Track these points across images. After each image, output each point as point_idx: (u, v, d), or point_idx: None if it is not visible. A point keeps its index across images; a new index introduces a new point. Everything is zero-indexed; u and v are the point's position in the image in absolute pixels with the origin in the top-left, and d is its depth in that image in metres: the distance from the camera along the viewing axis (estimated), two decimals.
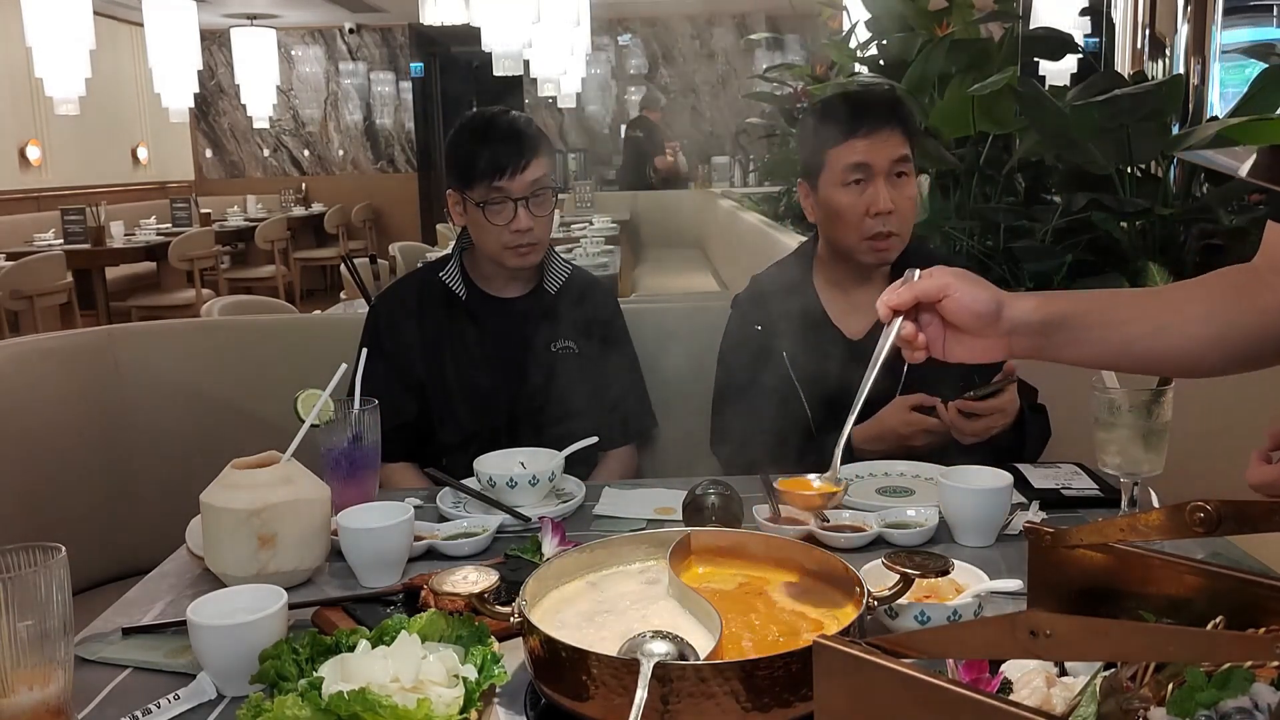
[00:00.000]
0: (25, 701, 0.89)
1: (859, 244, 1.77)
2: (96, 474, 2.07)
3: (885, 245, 1.76)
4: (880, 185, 1.73)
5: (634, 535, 1.16)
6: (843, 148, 1.74)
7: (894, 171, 1.75)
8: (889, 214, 1.73)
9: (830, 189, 1.77)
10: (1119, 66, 3.49)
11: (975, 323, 1.03)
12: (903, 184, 1.76)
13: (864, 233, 1.75)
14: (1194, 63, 3.37)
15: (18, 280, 5.55)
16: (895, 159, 1.74)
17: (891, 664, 0.66)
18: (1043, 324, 1.04)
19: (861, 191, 1.74)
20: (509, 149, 1.80)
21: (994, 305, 1.03)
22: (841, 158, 1.75)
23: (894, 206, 1.73)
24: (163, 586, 1.31)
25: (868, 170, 1.74)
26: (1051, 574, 0.87)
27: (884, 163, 1.73)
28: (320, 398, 1.43)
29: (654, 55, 11.19)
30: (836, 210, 1.76)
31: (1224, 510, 0.69)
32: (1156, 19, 3.43)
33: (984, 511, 1.35)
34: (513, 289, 1.94)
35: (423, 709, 0.89)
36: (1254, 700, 0.63)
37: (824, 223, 1.82)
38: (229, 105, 10.96)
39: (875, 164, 1.73)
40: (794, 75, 6.04)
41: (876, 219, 1.74)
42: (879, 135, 1.74)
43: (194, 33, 6.28)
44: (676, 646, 0.90)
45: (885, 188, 1.73)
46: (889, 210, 1.73)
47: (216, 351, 2.26)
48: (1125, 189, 3.01)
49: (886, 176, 1.74)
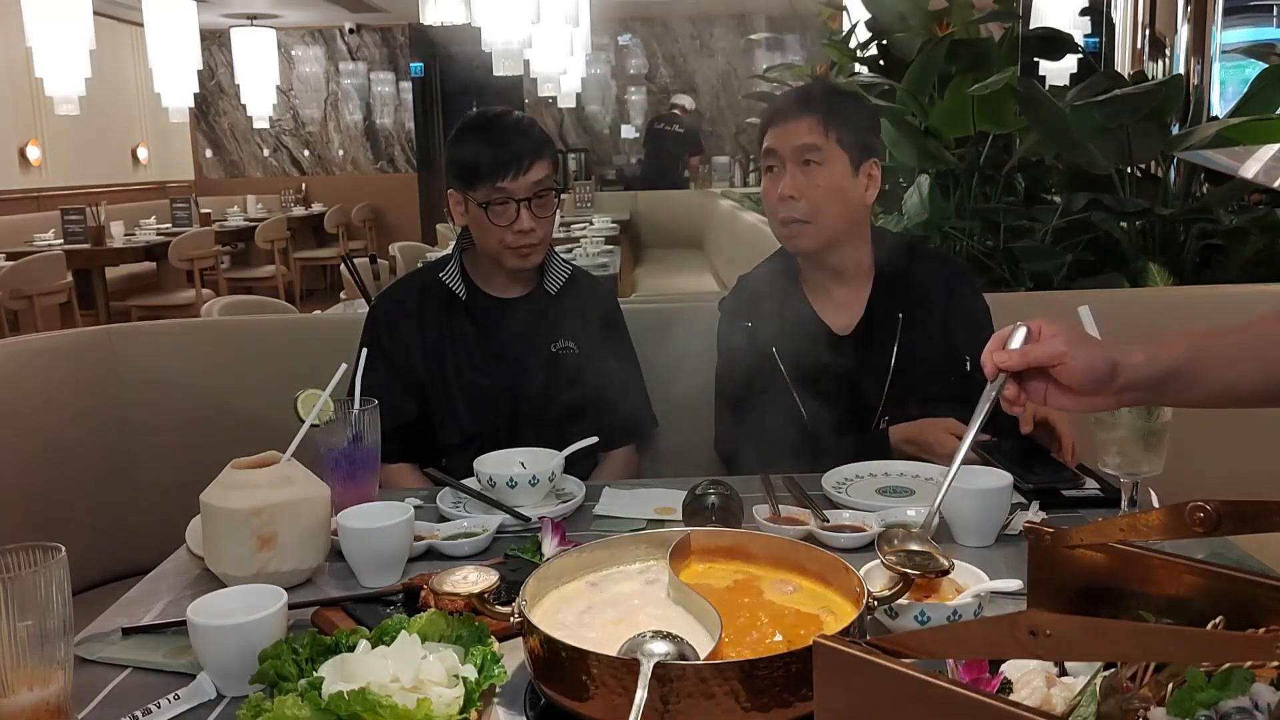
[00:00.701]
0: (25, 701, 0.89)
1: (778, 230, 1.81)
2: (96, 474, 2.07)
3: (791, 233, 1.79)
4: (788, 171, 1.77)
5: (634, 535, 1.16)
6: (766, 135, 1.81)
7: (800, 159, 1.76)
8: (792, 200, 1.76)
9: (764, 175, 1.84)
10: (1119, 66, 3.50)
11: (1090, 386, 0.99)
12: (811, 171, 1.76)
13: (777, 216, 1.80)
14: (1194, 63, 3.37)
15: (18, 280, 5.55)
16: (799, 145, 1.76)
17: (891, 664, 0.66)
18: (1156, 380, 1.00)
19: (774, 179, 1.79)
20: (512, 150, 1.80)
21: (1109, 368, 0.99)
22: (764, 145, 1.82)
23: (797, 193, 1.75)
24: (163, 586, 1.31)
25: (775, 156, 1.79)
26: (1051, 574, 0.87)
27: (788, 149, 1.77)
28: (320, 398, 1.43)
29: (654, 55, 11.19)
30: (763, 196, 1.83)
31: (1224, 510, 0.69)
32: (1156, 19, 3.43)
33: (984, 511, 1.35)
34: (513, 289, 1.93)
35: (423, 709, 0.89)
36: (1254, 700, 0.63)
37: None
38: (229, 105, 10.96)
39: (780, 150, 1.77)
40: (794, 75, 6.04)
41: (783, 204, 1.77)
42: (788, 124, 1.78)
43: (194, 33, 6.27)
44: (676, 646, 0.90)
45: (791, 174, 1.76)
46: (790, 196, 1.76)
47: (216, 351, 2.26)
48: (1125, 189, 3.02)
49: (795, 164, 1.76)
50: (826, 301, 1.87)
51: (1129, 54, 3.52)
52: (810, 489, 1.50)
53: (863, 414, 1.83)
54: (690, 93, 11.05)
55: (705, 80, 11.11)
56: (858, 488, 1.55)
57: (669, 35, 11.14)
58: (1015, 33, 3.47)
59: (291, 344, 2.27)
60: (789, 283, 1.89)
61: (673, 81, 11.15)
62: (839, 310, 1.86)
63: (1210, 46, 3.38)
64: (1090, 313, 1.27)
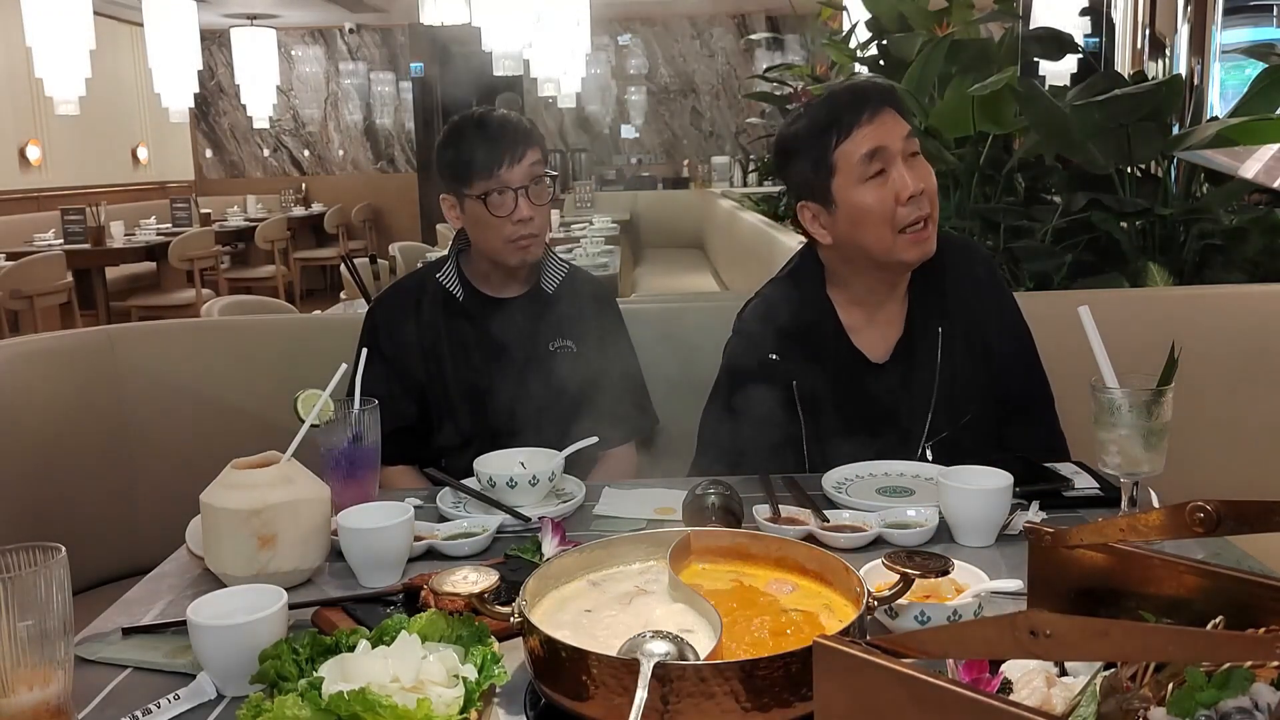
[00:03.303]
0: (25, 701, 0.89)
1: (895, 242, 1.60)
2: (96, 474, 2.07)
3: (924, 234, 1.61)
4: (901, 168, 1.59)
5: (634, 535, 1.16)
6: (850, 141, 1.61)
7: (908, 151, 1.61)
8: (920, 195, 1.59)
9: (849, 191, 1.61)
10: (1119, 66, 3.50)
11: None
12: (919, 163, 1.62)
13: (898, 224, 1.59)
14: (1194, 63, 3.37)
15: (18, 280, 5.55)
16: (907, 137, 1.61)
17: (891, 664, 0.66)
18: None
19: (884, 182, 1.60)
20: (504, 140, 1.81)
21: None
22: (852, 151, 1.60)
23: (923, 185, 1.60)
24: (163, 586, 1.31)
25: (884, 155, 1.59)
26: (1051, 574, 0.87)
27: (898, 143, 1.60)
28: (320, 398, 1.44)
29: (654, 55, 11.19)
30: (863, 211, 1.60)
31: (1224, 510, 0.69)
32: (1156, 19, 3.43)
33: (984, 511, 1.35)
34: (510, 289, 1.93)
35: (423, 709, 0.89)
36: (1254, 700, 0.63)
37: (848, 232, 1.64)
38: (229, 105, 10.96)
39: (891, 146, 1.59)
40: (794, 75, 6.05)
41: (910, 204, 1.58)
42: (882, 117, 1.61)
43: (194, 33, 6.28)
44: (676, 646, 0.90)
45: (908, 169, 1.60)
46: (919, 191, 1.59)
47: (216, 351, 2.26)
48: (1125, 189, 3.02)
49: (904, 158, 1.60)
50: (865, 325, 1.70)
51: (1129, 54, 3.52)
52: (810, 489, 1.50)
53: (898, 449, 1.66)
54: (690, 93, 11.05)
55: (705, 80, 11.11)
56: (858, 488, 1.55)
57: (669, 35, 11.14)
58: (1015, 33, 3.47)
59: (291, 344, 2.27)
60: (821, 306, 1.71)
61: (672, 81, 11.15)
62: (877, 333, 1.70)
63: (1210, 46, 3.38)
64: (1090, 313, 1.27)
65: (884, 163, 1.60)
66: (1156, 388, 1.23)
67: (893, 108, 1.63)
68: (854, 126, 1.61)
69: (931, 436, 1.69)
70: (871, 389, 1.68)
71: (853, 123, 1.61)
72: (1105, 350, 1.25)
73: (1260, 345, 2.18)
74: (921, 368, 1.69)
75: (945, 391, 1.68)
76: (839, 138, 1.61)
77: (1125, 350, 1.28)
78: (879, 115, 1.61)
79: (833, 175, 1.62)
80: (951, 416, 1.68)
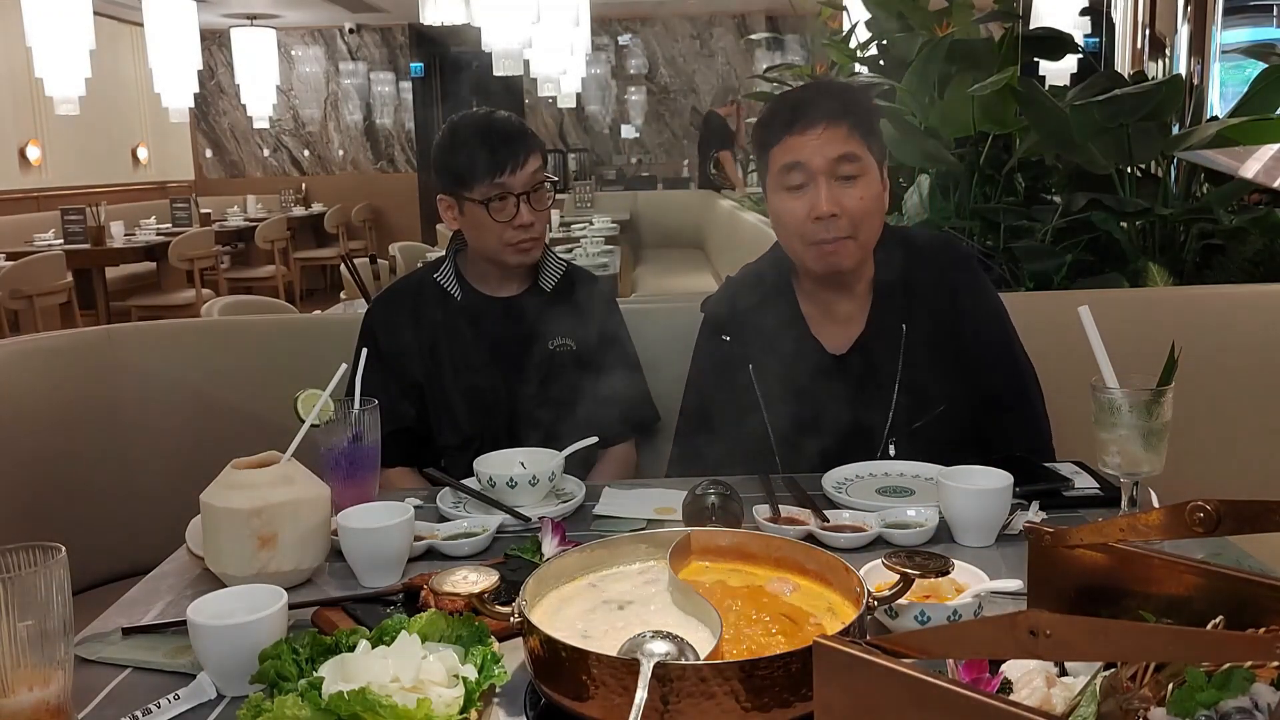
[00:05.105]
0: (25, 701, 0.89)
1: (804, 251, 1.63)
2: (96, 474, 2.07)
3: (833, 249, 1.60)
4: (821, 187, 1.57)
5: (634, 535, 1.16)
6: (779, 148, 1.61)
7: (836, 172, 1.58)
8: (834, 218, 1.57)
9: (772, 194, 1.64)
10: (1119, 66, 3.50)
11: None
12: (851, 185, 1.59)
13: (807, 238, 1.60)
14: (1194, 63, 3.37)
15: (18, 280, 5.55)
16: (835, 157, 1.57)
17: (891, 664, 0.66)
18: None
19: (802, 195, 1.59)
20: (506, 146, 1.81)
21: None
22: (778, 158, 1.61)
23: (839, 209, 1.57)
24: (163, 586, 1.31)
25: (803, 171, 1.59)
26: (1051, 574, 0.87)
27: (820, 162, 1.57)
28: (320, 398, 1.44)
29: (654, 55, 11.19)
30: (777, 216, 1.64)
31: (1224, 510, 0.69)
32: (1156, 19, 3.43)
33: (984, 511, 1.35)
34: (508, 288, 1.93)
35: (423, 709, 0.89)
36: (1254, 700, 0.63)
37: (775, 229, 1.69)
38: (229, 105, 10.96)
39: (810, 164, 1.58)
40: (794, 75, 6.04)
41: (818, 224, 1.58)
42: (815, 131, 1.58)
43: (194, 33, 6.27)
44: (676, 646, 0.90)
45: (826, 189, 1.57)
46: (829, 214, 1.57)
47: (216, 351, 2.26)
48: (1125, 189, 3.01)
49: (829, 177, 1.58)
50: (824, 317, 1.72)
51: (1129, 54, 3.52)
52: (810, 489, 1.50)
53: (861, 442, 1.68)
54: (690, 93, 11.05)
55: (705, 80, 11.11)
56: (858, 488, 1.55)
57: (669, 35, 11.14)
58: (1015, 33, 3.47)
59: (291, 344, 2.27)
60: (782, 293, 1.73)
61: (672, 81, 11.15)
62: (837, 327, 1.71)
63: (1210, 46, 3.38)
64: (1090, 313, 1.27)
65: (804, 177, 1.60)
66: (1156, 388, 1.23)
67: (837, 123, 1.59)
68: (784, 135, 1.61)
69: (894, 432, 1.69)
70: (829, 380, 1.68)
71: (784, 132, 1.61)
72: (1105, 350, 1.25)
73: (1260, 345, 2.18)
74: (882, 364, 1.69)
75: (908, 389, 1.68)
76: (771, 141, 1.63)
77: (1125, 350, 1.28)
78: (813, 129, 1.59)
79: (766, 173, 1.67)
80: (915, 414, 1.68)
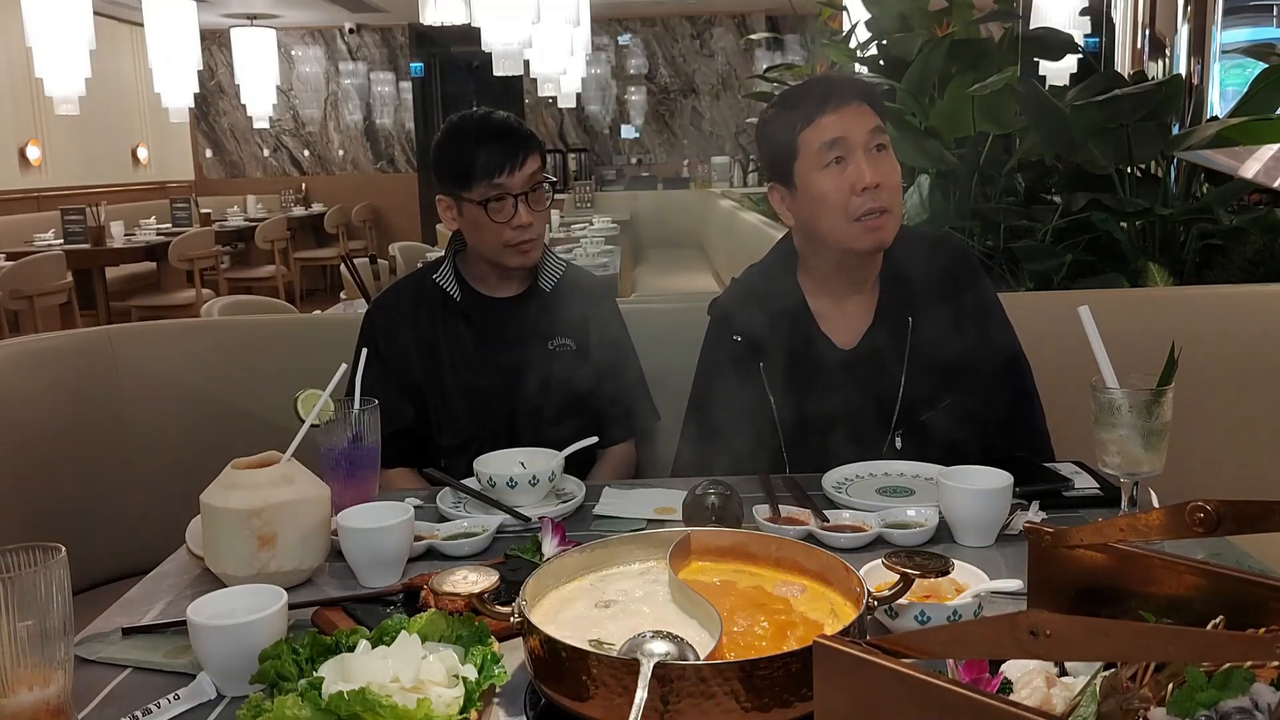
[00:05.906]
0: (25, 701, 0.89)
1: (848, 229, 1.63)
2: (96, 474, 2.07)
3: (879, 224, 1.63)
4: (862, 159, 1.62)
5: (634, 535, 1.16)
6: (813, 128, 1.64)
7: (872, 144, 1.64)
8: (876, 188, 1.61)
9: (809, 175, 1.65)
10: (1119, 66, 3.50)
11: None
12: (884, 158, 1.64)
13: (852, 213, 1.62)
14: (1194, 63, 3.37)
15: (18, 280, 5.55)
16: (872, 129, 1.64)
17: (891, 664, 0.66)
18: None
19: (842, 171, 1.63)
20: (505, 147, 1.81)
21: None
22: (814, 138, 1.64)
23: (882, 179, 1.62)
24: (163, 586, 1.31)
25: (844, 145, 1.62)
26: (1051, 574, 0.87)
27: (860, 135, 1.63)
28: (320, 398, 1.44)
29: (654, 55, 11.19)
30: (819, 196, 1.64)
31: (1224, 510, 0.69)
32: (1156, 19, 3.43)
33: (984, 511, 1.35)
34: (508, 288, 1.93)
35: (423, 709, 0.89)
36: (1254, 700, 0.63)
37: (807, 216, 1.68)
38: (229, 105, 10.96)
39: (850, 137, 1.62)
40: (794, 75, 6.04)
41: (864, 195, 1.61)
42: (848, 109, 1.63)
43: (194, 33, 6.27)
44: (676, 646, 0.90)
45: (868, 161, 1.62)
46: (875, 184, 1.61)
47: (216, 351, 2.26)
48: (1125, 189, 3.02)
49: (866, 150, 1.63)
50: (832, 313, 1.73)
51: (1129, 54, 3.52)
52: (810, 489, 1.50)
53: (868, 436, 1.69)
54: (690, 93, 11.05)
55: (705, 80, 11.11)
56: (858, 488, 1.55)
57: (669, 35, 11.14)
58: (1015, 33, 3.47)
59: (291, 344, 2.27)
60: (790, 291, 1.74)
61: (672, 81, 11.15)
62: (845, 322, 1.72)
63: (1210, 46, 3.38)
64: (1090, 313, 1.27)
65: (843, 152, 1.63)
66: (1156, 388, 1.23)
67: (864, 102, 1.66)
68: (819, 114, 1.64)
69: (901, 425, 1.70)
70: (838, 375, 1.70)
71: (818, 110, 1.64)
72: (1105, 350, 1.25)
73: (1260, 345, 2.18)
74: (889, 358, 1.71)
75: (914, 382, 1.70)
76: (803, 123, 1.65)
77: (1125, 350, 1.28)
78: (845, 106, 1.64)
79: (795, 158, 1.67)
80: (921, 407, 1.70)
